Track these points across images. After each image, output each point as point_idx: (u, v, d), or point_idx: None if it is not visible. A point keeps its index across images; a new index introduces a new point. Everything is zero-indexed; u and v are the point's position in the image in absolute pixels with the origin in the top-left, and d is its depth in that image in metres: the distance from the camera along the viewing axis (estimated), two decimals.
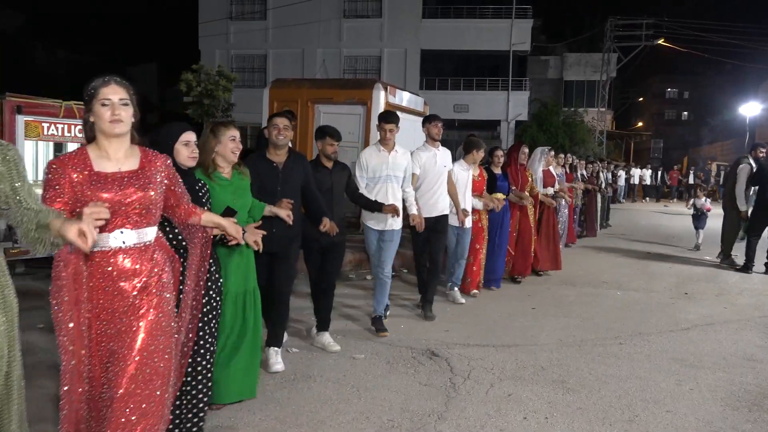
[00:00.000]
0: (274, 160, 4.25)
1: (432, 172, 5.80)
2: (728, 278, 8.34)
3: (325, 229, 4.32)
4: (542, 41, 31.45)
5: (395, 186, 5.24)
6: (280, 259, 4.28)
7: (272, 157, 4.27)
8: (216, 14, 27.59)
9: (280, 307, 4.35)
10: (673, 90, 59.38)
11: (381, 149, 5.24)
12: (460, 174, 6.29)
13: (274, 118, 4.30)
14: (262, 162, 4.25)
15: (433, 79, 27.60)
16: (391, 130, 5.20)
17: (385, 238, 5.28)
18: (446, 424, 3.53)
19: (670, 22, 27.57)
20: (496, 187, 6.96)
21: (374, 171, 5.16)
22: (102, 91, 2.38)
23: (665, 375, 4.42)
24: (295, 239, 4.37)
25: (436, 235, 5.86)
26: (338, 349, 4.74)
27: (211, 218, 2.91)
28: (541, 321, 5.86)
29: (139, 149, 2.52)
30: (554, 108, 26.51)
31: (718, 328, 5.74)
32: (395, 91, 9.27)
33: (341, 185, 4.94)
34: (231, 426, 3.44)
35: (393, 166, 5.21)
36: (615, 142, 33.37)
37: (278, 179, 4.22)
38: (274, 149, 4.28)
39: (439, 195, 5.88)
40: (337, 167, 4.93)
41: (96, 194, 2.33)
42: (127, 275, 2.40)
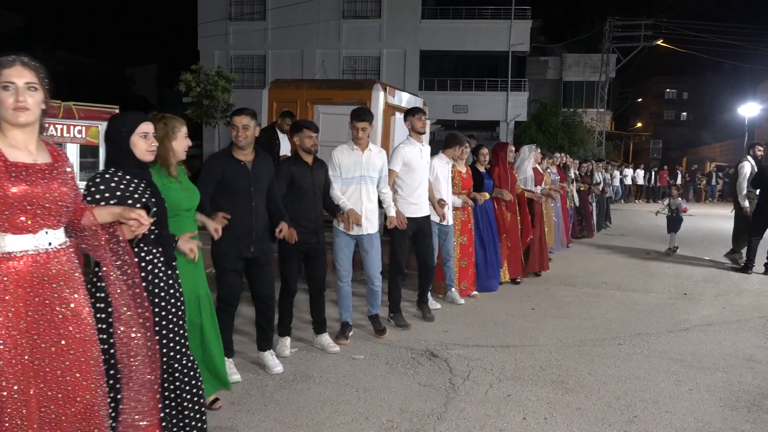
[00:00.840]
0: (241, 159, 3.98)
1: (418, 168, 5.47)
2: (727, 279, 8.34)
3: (282, 236, 4.10)
4: (541, 42, 31.46)
5: (370, 187, 4.95)
6: (261, 264, 4.09)
7: (240, 156, 3.99)
8: (215, 15, 27.57)
9: (267, 312, 4.23)
10: (672, 90, 59.46)
11: (354, 148, 4.90)
12: (440, 168, 6.06)
13: (233, 116, 3.99)
14: (230, 161, 3.97)
15: (432, 80, 27.60)
16: (363, 128, 4.86)
17: (364, 246, 5.00)
18: (446, 424, 3.53)
19: (669, 22, 27.63)
20: (483, 185, 6.85)
21: (347, 171, 4.85)
22: (4, 72, 2.07)
23: (664, 375, 4.42)
24: (272, 241, 4.19)
25: (424, 239, 5.58)
26: (338, 350, 4.71)
27: (104, 211, 2.43)
28: (541, 322, 5.86)
29: (43, 141, 2.23)
30: (553, 109, 26.55)
31: (717, 328, 5.74)
32: (394, 91, 9.27)
33: (321, 183, 4.68)
34: (230, 427, 3.44)
35: (367, 166, 4.91)
36: (614, 142, 33.41)
37: (250, 178, 3.97)
38: (240, 149, 3.99)
39: (424, 193, 5.59)
40: (317, 164, 4.67)
41: (18, 188, 2.05)
42: (54, 281, 2.14)
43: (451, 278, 6.41)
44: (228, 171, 3.91)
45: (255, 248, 3.99)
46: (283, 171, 4.48)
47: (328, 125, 8.97)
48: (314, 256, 4.68)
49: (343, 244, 4.96)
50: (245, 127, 3.93)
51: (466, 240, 6.53)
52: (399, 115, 8.96)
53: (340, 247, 4.96)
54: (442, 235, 6.14)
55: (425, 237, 5.59)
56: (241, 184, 3.93)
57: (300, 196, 4.53)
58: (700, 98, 55.38)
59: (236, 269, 4.01)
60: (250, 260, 4.03)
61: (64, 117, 6.49)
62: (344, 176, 4.85)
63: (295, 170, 4.52)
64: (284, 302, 4.67)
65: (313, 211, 4.59)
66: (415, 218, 5.42)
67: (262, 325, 4.28)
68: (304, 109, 9.23)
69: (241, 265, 4.02)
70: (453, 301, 6.36)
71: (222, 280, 4.03)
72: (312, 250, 4.63)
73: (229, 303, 4.04)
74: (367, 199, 4.91)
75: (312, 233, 4.55)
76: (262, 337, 4.30)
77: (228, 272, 3.99)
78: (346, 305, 5.05)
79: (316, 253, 4.67)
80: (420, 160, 5.49)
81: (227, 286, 4.01)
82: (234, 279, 4.01)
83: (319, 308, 4.82)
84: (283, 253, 4.60)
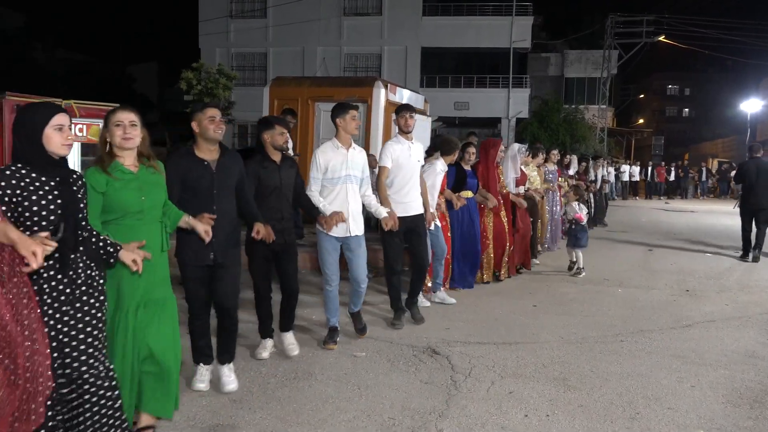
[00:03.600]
0: (205, 158, 3.68)
1: (406, 166, 5.30)
2: (730, 275, 8.33)
3: (260, 237, 3.91)
4: (543, 38, 31.43)
5: (355, 187, 4.73)
6: (222, 269, 3.78)
7: (203, 154, 3.69)
8: (216, 12, 27.57)
9: (227, 322, 3.92)
10: (674, 87, 59.41)
11: (339, 146, 4.66)
12: (440, 174, 6.02)
13: (206, 108, 3.68)
14: (191, 160, 3.67)
15: (434, 77, 27.58)
16: (353, 117, 4.64)
17: (351, 248, 4.77)
18: (447, 422, 3.52)
19: (671, 18, 27.54)
20: (466, 184, 6.63)
21: (333, 171, 4.60)
22: None
23: (667, 372, 4.41)
24: (237, 246, 3.88)
25: (417, 238, 5.41)
26: (296, 353, 4.51)
27: None
28: (542, 318, 5.85)
29: None
30: (555, 105, 26.50)
31: (719, 325, 5.73)
32: (395, 88, 9.27)
33: (290, 182, 4.45)
34: (232, 424, 3.44)
35: (352, 165, 4.68)
36: (616, 139, 33.35)
37: (213, 180, 3.67)
38: (205, 144, 3.68)
39: (415, 192, 5.41)
40: (287, 162, 4.46)
41: None
42: None
43: (441, 277, 6.27)
44: (189, 170, 3.64)
45: (216, 254, 3.70)
46: (251, 170, 4.24)
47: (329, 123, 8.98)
48: (282, 258, 4.45)
49: (330, 248, 4.73)
50: (222, 119, 3.69)
51: None
52: None
53: (327, 251, 4.73)
54: (433, 237, 6.01)
55: (418, 236, 5.42)
56: (202, 184, 3.64)
57: (266, 195, 4.32)
58: (702, 94, 55.32)
59: (197, 277, 3.75)
60: (212, 267, 3.76)
61: None
62: (330, 176, 4.61)
63: (262, 169, 4.32)
64: (258, 307, 4.55)
65: (279, 211, 4.36)
66: (405, 217, 5.22)
67: (222, 336, 3.96)
68: (305, 106, 9.23)
69: (202, 272, 3.75)
70: (443, 301, 6.21)
71: (185, 289, 3.79)
72: (279, 251, 4.40)
73: (195, 313, 3.84)
74: (354, 200, 4.71)
75: (278, 233, 4.24)
76: (221, 349, 3.96)
77: (189, 281, 3.76)
78: (334, 309, 4.84)
79: (284, 254, 4.45)
80: (409, 158, 5.32)
81: (190, 295, 3.80)
82: (196, 288, 3.77)
83: (288, 310, 4.61)
84: (248, 255, 4.38)
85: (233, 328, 3.97)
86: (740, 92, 37.88)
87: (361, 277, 4.85)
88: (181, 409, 3.56)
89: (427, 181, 5.79)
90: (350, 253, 4.79)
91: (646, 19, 27.80)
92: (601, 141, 27.77)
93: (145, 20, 43.13)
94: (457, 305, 6.23)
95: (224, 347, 3.96)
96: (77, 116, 6.44)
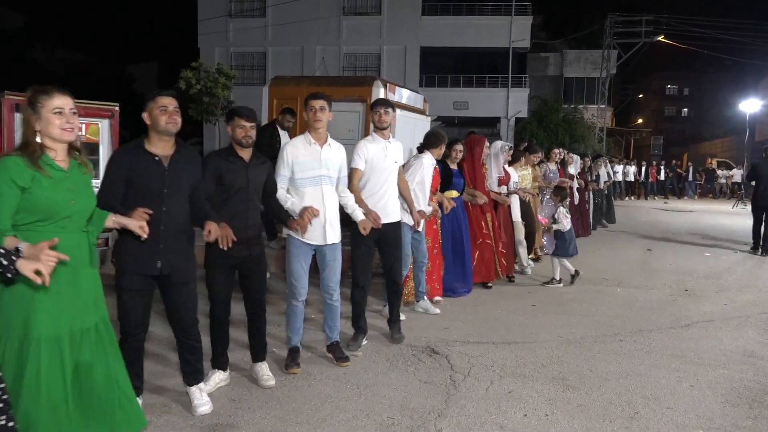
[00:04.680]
0: (156, 153, 3.25)
1: (380, 168, 4.74)
2: (729, 275, 8.34)
3: (212, 238, 3.34)
4: (542, 38, 31.42)
5: (331, 189, 4.19)
6: (175, 283, 3.34)
7: (154, 148, 3.25)
8: (215, 12, 27.57)
9: (189, 341, 3.51)
10: (673, 86, 59.40)
11: (312, 142, 4.14)
12: (428, 170, 5.61)
13: (157, 97, 3.25)
14: (139, 154, 3.23)
15: (433, 77, 27.58)
16: (322, 107, 4.09)
17: (326, 258, 4.24)
18: (446, 421, 3.52)
19: (670, 18, 27.55)
20: (452, 183, 6.33)
21: (303, 169, 4.08)
22: None
23: (665, 372, 4.42)
24: (190, 257, 3.45)
25: (390, 249, 4.82)
26: (273, 384, 3.93)
27: None
28: (541, 318, 5.85)
29: None
30: (554, 105, 26.53)
31: (718, 324, 5.74)
32: (395, 88, 9.26)
33: (259, 184, 3.88)
34: (231, 424, 3.43)
35: (327, 163, 4.14)
36: (615, 138, 33.36)
37: (164, 178, 3.24)
38: (157, 138, 3.25)
39: (390, 196, 4.82)
40: (256, 160, 3.87)
41: None
42: None
43: (424, 285, 5.89)
44: (137, 167, 3.20)
45: (163, 263, 3.26)
46: (211, 166, 3.71)
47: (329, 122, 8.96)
48: (247, 273, 3.89)
49: (301, 256, 4.17)
50: (178, 111, 3.27)
51: (429, 241, 5.96)
52: (400, 112, 8.94)
53: (297, 259, 4.17)
54: (414, 241, 5.63)
55: (391, 247, 4.83)
56: (151, 182, 3.21)
57: (229, 198, 3.75)
58: (701, 94, 55.32)
59: (137, 289, 3.27)
60: (162, 279, 3.31)
61: None
62: (299, 176, 4.08)
63: (225, 166, 3.75)
64: (212, 329, 3.92)
65: (245, 217, 3.77)
66: None
67: (185, 356, 3.56)
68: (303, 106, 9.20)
69: (145, 283, 3.29)
70: (426, 311, 5.83)
71: (118, 303, 3.30)
72: (243, 265, 3.84)
73: (126, 332, 3.31)
74: (330, 203, 4.17)
75: (243, 244, 3.69)
76: (187, 370, 3.58)
77: (125, 292, 3.27)
78: (297, 327, 4.31)
79: (250, 268, 3.87)
80: (384, 159, 4.76)
81: (124, 310, 3.30)
82: (133, 302, 3.28)
83: (257, 332, 4.05)
84: (205, 267, 3.82)
85: (198, 345, 3.55)
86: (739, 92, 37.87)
87: (333, 286, 4.34)
88: (180, 408, 3.57)
89: (414, 178, 5.49)
90: (323, 262, 4.29)
91: (646, 19, 27.80)
92: (600, 141, 27.77)
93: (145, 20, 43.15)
94: (457, 305, 6.23)
95: (190, 367, 3.56)
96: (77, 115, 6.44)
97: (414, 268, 5.84)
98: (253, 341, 4.07)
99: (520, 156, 8.27)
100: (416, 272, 5.87)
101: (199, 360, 3.60)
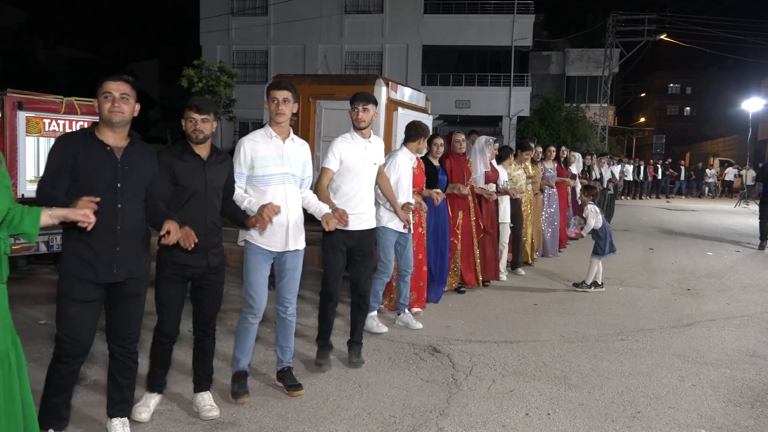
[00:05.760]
0: (108, 143, 2.86)
1: (357, 170, 4.26)
2: (731, 274, 8.33)
3: (171, 240, 2.88)
4: (544, 37, 31.41)
5: (295, 189, 3.75)
6: (129, 295, 2.96)
7: (106, 138, 2.87)
8: (217, 10, 27.58)
9: (126, 361, 3.07)
10: (675, 85, 59.36)
11: (273, 135, 3.69)
12: (405, 167, 5.11)
13: (104, 81, 2.85)
14: (89, 144, 2.83)
15: (435, 75, 27.57)
16: (285, 99, 3.62)
17: (286, 265, 3.76)
18: (448, 420, 3.52)
19: (673, 17, 27.53)
20: (436, 181, 5.90)
21: (264, 165, 3.64)
22: None
23: (668, 371, 4.41)
24: (146, 262, 3.04)
25: (362, 259, 4.34)
26: (216, 415, 3.45)
27: None
28: (543, 317, 5.85)
29: None
30: (556, 104, 26.48)
31: (720, 324, 5.73)
32: (397, 86, 9.26)
33: (219, 184, 3.42)
34: (233, 422, 3.44)
35: (290, 160, 3.70)
36: (617, 137, 33.33)
37: (117, 171, 2.85)
38: (106, 129, 2.87)
39: (366, 202, 4.35)
40: (216, 157, 3.42)
41: None
42: None
43: (406, 297, 5.39)
44: (85, 157, 2.80)
45: (119, 269, 2.86)
46: (162, 163, 3.26)
47: (330, 121, 8.96)
48: (203, 285, 3.42)
49: (261, 264, 3.69)
50: (125, 97, 2.85)
51: (414, 246, 5.47)
52: (401, 110, 8.95)
53: (256, 268, 3.67)
54: (399, 247, 5.15)
55: (364, 257, 4.36)
56: (103, 175, 2.82)
57: (184, 200, 3.29)
58: (704, 93, 55.26)
59: (86, 300, 2.82)
60: (113, 288, 2.90)
61: (66, 113, 6.49)
62: (260, 172, 3.64)
63: (179, 165, 3.30)
64: (156, 347, 3.45)
65: (203, 222, 3.29)
66: (352, 232, 4.19)
67: (116, 379, 3.06)
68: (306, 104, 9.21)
69: (98, 293, 2.86)
70: (407, 325, 5.32)
71: (61, 316, 2.83)
72: (200, 277, 3.38)
73: (72, 354, 2.83)
74: (294, 205, 3.73)
75: (202, 252, 3.27)
76: (114, 398, 3.09)
77: (73, 304, 2.81)
78: (248, 348, 3.78)
79: (207, 280, 3.41)
80: (363, 161, 4.28)
81: (70, 327, 2.81)
82: (80, 314, 2.82)
83: (204, 356, 3.56)
84: (158, 277, 3.35)
85: (134, 367, 3.12)
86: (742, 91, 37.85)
87: (288, 297, 3.84)
88: (182, 407, 3.57)
89: (391, 177, 4.99)
90: (282, 270, 3.80)
91: (648, 18, 27.79)
92: (602, 140, 27.75)
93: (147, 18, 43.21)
94: (458, 303, 6.23)
95: (120, 394, 3.10)
96: (79, 113, 6.44)
97: (397, 277, 5.37)
98: (198, 366, 3.55)
99: (509, 153, 7.83)
100: (399, 282, 5.39)
101: (131, 386, 3.14)
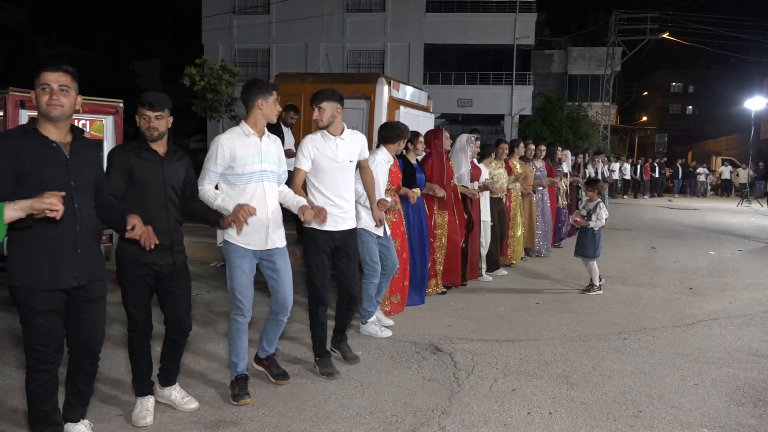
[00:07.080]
0: (53, 139, 2.68)
1: (330, 169, 4.10)
2: (733, 273, 8.31)
3: (137, 235, 2.81)
4: (546, 35, 31.38)
5: (273, 186, 3.68)
6: (92, 299, 2.83)
7: (49, 134, 2.69)
8: (219, 9, 27.61)
9: (89, 368, 2.97)
10: (677, 84, 59.20)
11: (250, 133, 3.62)
12: (381, 167, 4.95)
13: (42, 72, 2.64)
14: (32, 140, 2.64)
15: (437, 74, 27.57)
16: (277, 101, 3.64)
17: (275, 265, 3.70)
18: (450, 419, 3.52)
19: (675, 15, 27.49)
20: (415, 180, 5.72)
21: (243, 164, 3.55)
22: None
23: (670, 370, 4.41)
24: (103, 263, 2.93)
25: (346, 261, 4.22)
26: (195, 407, 3.50)
27: None
28: (545, 316, 5.84)
29: None
30: (558, 102, 26.47)
31: (722, 323, 5.72)
32: (398, 85, 9.25)
33: (177, 182, 3.33)
34: (234, 421, 3.44)
35: (267, 156, 3.64)
36: (619, 136, 33.30)
37: (67, 167, 2.68)
38: (47, 123, 2.69)
39: (346, 201, 4.19)
40: (172, 155, 3.33)
41: None
42: None
43: (381, 293, 5.15)
44: (28, 154, 2.60)
45: (81, 273, 2.72)
46: (118, 160, 3.19)
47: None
48: (167, 284, 3.34)
49: (245, 266, 3.61)
50: (64, 90, 2.66)
51: (398, 245, 5.31)
52: (403, 109, 8.94)
53: (241, 270, 3.60)
54: (383, 249, 4.92)
55: (348, 257, 4.24)
56: (53, 173, 2.64)
57: (144, 199, 3.20)
58: (706, 92, 55.13)
59: (51, 309, 2.68)
60: (73, 293, 2.75)
61: None
62: (239, 171, 3.56)
63: (135, 161, 3.19)
64: (135, 351, 3.40)
65: (165, 220, 3.23)
66: (334, 233, 4.11)
67: (79, 387, 2.97)
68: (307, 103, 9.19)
69: (60, 300, 2.71)
70: (370, 335, 5.01)
71: (29, 328, 2.70)
72: (164, 276, 3.30)
73: (46, 359, 2.72)
74: (273, 202, 3.67)
75: (164, 251, 3.20)
76: (74, 403, 3.01)
77: (39, 315, 2.66)
78: (243, 350, 3.71)
79: (171, 279, 3.33)
80: (335, 159, 4.11)
81: (39, 336, 2.69)
82: (48, 324, 2.69)
83: (177, 355, 3.54)
84: (122, 278, 3.29)
85: (95, 372, 3.03)
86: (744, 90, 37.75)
87: (287, 303, 3.79)
88: None
89: (375, 179, 4.83)
90: (273, 272, 3.72)
91: (650, 16, 27.76)
92: (604, 138, 27.72)
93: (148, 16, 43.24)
94: (460, 302, 6.22)
95: (79, 400, 3.03)
96: (81, 112, 6.44)
97: (381, 276, 4.98)
98: (169, 364, 3.52)
99: (491, 152, 7.61)
100: (381, 280, 5.02)
101: (91, 390, 3.10)
